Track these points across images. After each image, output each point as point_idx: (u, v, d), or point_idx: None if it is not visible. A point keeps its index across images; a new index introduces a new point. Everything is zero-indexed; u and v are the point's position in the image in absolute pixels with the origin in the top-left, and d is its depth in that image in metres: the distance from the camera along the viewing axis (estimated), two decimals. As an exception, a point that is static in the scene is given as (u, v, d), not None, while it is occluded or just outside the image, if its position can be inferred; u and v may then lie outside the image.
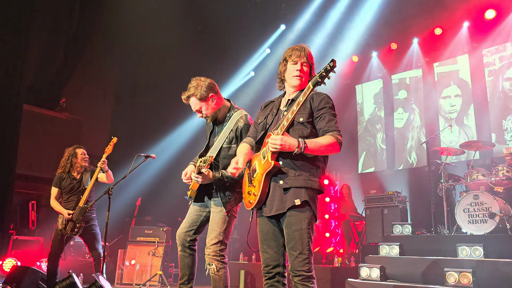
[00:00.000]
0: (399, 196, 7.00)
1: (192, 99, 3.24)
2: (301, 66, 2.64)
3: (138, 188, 8.71)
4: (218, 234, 3.10)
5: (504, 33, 7.65)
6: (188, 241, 3.25)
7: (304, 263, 2.37)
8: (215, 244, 3.09)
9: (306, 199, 2.42)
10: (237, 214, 3.24)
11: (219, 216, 3.14)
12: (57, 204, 4.95)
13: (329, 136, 2.47)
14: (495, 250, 4.89)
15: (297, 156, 2.46)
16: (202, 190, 3.24)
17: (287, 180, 2.46)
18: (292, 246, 2.40)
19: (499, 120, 7.58)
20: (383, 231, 6.81)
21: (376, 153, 9.28)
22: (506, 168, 5.62)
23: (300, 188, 2.44)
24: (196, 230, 3.28)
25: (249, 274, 6.78)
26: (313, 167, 2.50)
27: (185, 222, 3.30)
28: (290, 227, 2.42)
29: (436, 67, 8.65)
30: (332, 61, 2.32)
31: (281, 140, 2.36)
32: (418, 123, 8.76)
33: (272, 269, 2.53)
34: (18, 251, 6.64)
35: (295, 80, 2.65)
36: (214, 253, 3.08)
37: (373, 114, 9.53)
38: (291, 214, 2.43)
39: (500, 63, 7.76)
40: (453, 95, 8.34)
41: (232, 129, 3.18)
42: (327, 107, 2.58)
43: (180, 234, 3.27)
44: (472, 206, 5.45)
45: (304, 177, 2.46)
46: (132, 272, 7.19)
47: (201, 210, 3.30)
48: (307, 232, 2.41)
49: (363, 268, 5.39)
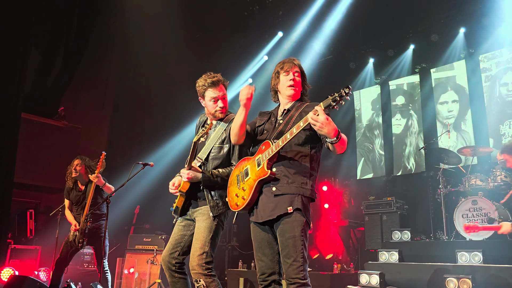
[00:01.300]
0: (397, 202, 7.00)
1: (224, 84, 3.19)
2: (294, 75, 2.67)
3: (137, 196, 8.68)
4: (203, 244, 2.84)
5: (500, 39, 7.70)
6: (173, 264, 2.96)
7: (298, 270, 2.36)
8: (199, 256, 2.81)
9: (299, 207, 2.43)
10: (224, 224, 3.02)
11: (204, 225, 2.91)
12: (69, 215, 5.02)
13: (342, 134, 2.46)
14: (494, 256, 4.88)
15: (290, 164, 2.49)
16: (188, 199, 3.06)
17: (279, 187, 2.48)
18: (286, 253, 2.40)
19: (496, 125, 7.60)
20: (382, 237, 6.81)
21: (375, 159, 9.29)
22: (504, 173, 5.63)
23: (293, 195, 2.45)
24: (181, 251, 2.99)
25: (248, 282, 6.76)
26: (306, 175, 2.52)
27: (169, 244, 3.04)
28: (284, 235, 2.42)
29: (433, 73, 8.69)
30: (347, 87, 2.24)
31: (325, 119, 2.26)
32: (416, 129, 8.78)
33: (268, 277, 2.53)
34: (16, 260, 6.61)
35: (289, 90, 2.68)
36: (199, 267, 2.79)
37: (371, 120, 9.55)
38: (284, 222, 2.43)
39: (496, 68, 7.80)
40: (450, 101, 8.37)
41: (225, 129, 3.08)
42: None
43: (164, 258, 3.00)
44: (471, 212, 5.46)
45: (296, 184, 2.47)
46: (131, 280, 7.16)
47: (185, 229, 3.06)
48: (301, 239, 2.40)
49: (363, 275, 5.37)
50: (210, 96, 3.11)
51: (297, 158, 2.53)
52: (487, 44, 7.84)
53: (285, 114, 2.69)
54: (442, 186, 6.12)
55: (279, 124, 2.65)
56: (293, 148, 2.55)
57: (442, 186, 6.12)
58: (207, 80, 3.13)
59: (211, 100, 3.12)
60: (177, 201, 3.10)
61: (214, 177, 2.93)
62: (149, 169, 4.91)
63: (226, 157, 3.03)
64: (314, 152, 2.58)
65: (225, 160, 3.04)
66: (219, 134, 3.08)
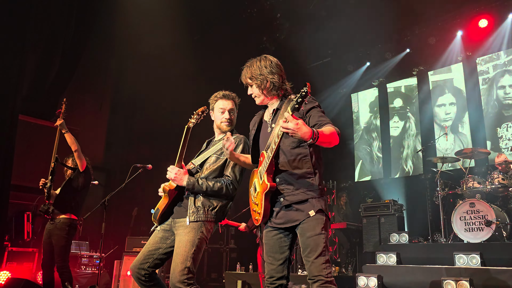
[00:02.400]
0: (395, 205, 7.01)
1: (236, 99, 3.15)
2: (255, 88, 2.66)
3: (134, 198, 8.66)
4: (185, 259, 2.67)
5: (497, 42, 7.73)
6: (142, 274, 2.79)
7: (321, 268, 2.27)
8: (181, 271, 2.64)
9: (313, 210, 2.36)
10: (207, 239, 2.86)
11: (186, 239, 2.74)
12: None
13: (327, 126, 2.34)
14: (492, 258, 4.90)
15: (292, 170, 2.43)
16: (172, 204, 2.93)
17: (287, 197, 2.43)
18: (308, 252, 2.33)
19: (494, 128, 7.63)
20: (380, 239, 6.81)
21: (373, 161, 9.31)
22: (501, 176, 5.65)
23: (302, 203, 2.39)
24: (152, 263, 2.82)
25: (246, 284, 6.74)
26: (311, 175, 2.45)
27: (141, 253, 2.86)
28: (304, 234, 2.36)
29: (430, 75, 8.72)
30: (305, 85, 2.17)
31: (295, 125, 2.14)
32: (413, 131, 8.80)
33: (276, 280, 2.49)
34: (13, 263, 6.57)
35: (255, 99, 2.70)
36: (181, 283, 2.62)
37: (369, 122, 9.57)
38: (304, 222, 2.38)
39: (493, 71, 7.84)
40: (448, 103, 8.40)
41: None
42: (313, 105, 2.50)
43: (133, 268, 2.82)
44: (469, 214, 5.47)
45: (302, 191, 2.41)
46: (129, 283, 7.12)
47: (161, 241, 2.89)
48: (323, 236, 2.33)
49: (361, 277, 5.37)
50: (219, 106, 3.10)
51: (297, 161, 2.46)
52: (484, 47, 7.88)
53: (274, 115, 2.63)
54: (440, 188, 6.13)
55: (272, 128, 2.59)
56: (290, 151, 2.48)
57: (440, 189, 6.13)
58: (220, 93, 3.16)
59: (219, 110, 3.09)
60: (160, 202, 2.97)
61: (199, 185, 2.83)
62: (147, 171, 4.91)
63: (221, 169, 2.98)
64: (313, 149, 2.50)
65: (219, 172, 2.98)
66: (220, 146, 3.01)
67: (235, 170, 2.95)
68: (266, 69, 2.59)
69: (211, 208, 2.86)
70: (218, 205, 2.89)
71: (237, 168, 2.95)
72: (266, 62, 2.62)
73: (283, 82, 2.64)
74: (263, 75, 2.59)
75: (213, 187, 2.85)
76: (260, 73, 2.59)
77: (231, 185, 2.90)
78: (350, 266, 6.87)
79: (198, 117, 2.93)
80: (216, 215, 2.89)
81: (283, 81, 2.64)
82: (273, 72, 2.59)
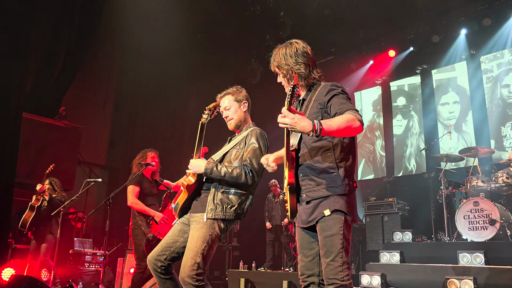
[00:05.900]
0: (399, 203, 7.00)
1: (227, 96, 3.13)
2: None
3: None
4: (195, 255, 2.67)
5: (502, 40, 7.70)
6: (159, 266, 2.80)
7: (337, 270, 2.16)
8: (190, 266, 2.64)
9: (333, 209, 2.23)
10: (220, 237, 2.84)
11: (198, 234, 2.74)
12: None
13: (346, 114, 2.16)
14: (496, 257, 4.89)
15: (314, 165, 2.31)
16: (191, 198, 2.93)
17: (308, 193, 2.32)
18: (325, 252, 2.23)
19: (498, 127, 7.61)
20: (384, 238, 6.81)
21: (376, 160, 9.29)
22: (506, 174, 5.63)
23: (323, 199, 2.27)
24: (169, 256, 2.83)
25: (249, 282, 6.75)
26: (334, 170, 2.28)
27: (159, 245, 2.88)
28: (322, 234, 2.26)
29: (434, 74, 8.70)
30: (293, 80, 2.08)
31: (291, 119, 2.03)
32: (417, 130, 8.79)
33: (307, 278, 2.41)
34: (16, 260, 6.60)
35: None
36: (190, 278, 2.62)
37: (372, 121, 9.56)
38: (322, 220, 2.26)
39: (498, 70, 7.81)
40: (451, 102, 8.38)
41: (244, 136, 3.02)
42: (335, 93, 2.32)
43: (150, 259, 2.83)
44: (472, 213, 5.46)
45: (323, 186, 2.27)
46: (132, 280, 7.14)
47: (180, 235, 2.89)
48: (340, 237, 2.20)
49: (364, 276, 5.37)
50: (221, 106, 3.15)
51: (319, 155, 2.31)
52: (488, 45, 7.85)
53: (301, 106, 2.50)
54: (444, 187, 6.11)
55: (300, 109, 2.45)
56: (312, 146, 2.34)
57: (443, 187, 6.11)
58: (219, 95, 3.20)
59: (221, 112, 3.16)
60: (180, 197, 2.97)
61: (218, 170, 2.79)
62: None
63: (240, 161, 2.95)
64: (338, 141, 2.32)
65: (239, 165, 2.95)
66: (238, 141, 3.03)
67: (252, 159, 2.88)
68: (292, 59, 2.43)
69: (229, 206, 2.82)
70: (237, 203, 2.85)
71: (254, 158, 2.87)
72: (292, 49, 2.45)
73: (310, 71, 2.46)
74: (288, 65, 2.43)
75: (231, 173, 2.80)
76: (285, 62, 2.44)
77: (250, 172, 2.83)
78: (353, 264, 6.86)
79: (210, 113, 2.96)
80: (236, 213, 2.84)
81: (311, 70, 2.46)
82: (298, 62, 2.42)
